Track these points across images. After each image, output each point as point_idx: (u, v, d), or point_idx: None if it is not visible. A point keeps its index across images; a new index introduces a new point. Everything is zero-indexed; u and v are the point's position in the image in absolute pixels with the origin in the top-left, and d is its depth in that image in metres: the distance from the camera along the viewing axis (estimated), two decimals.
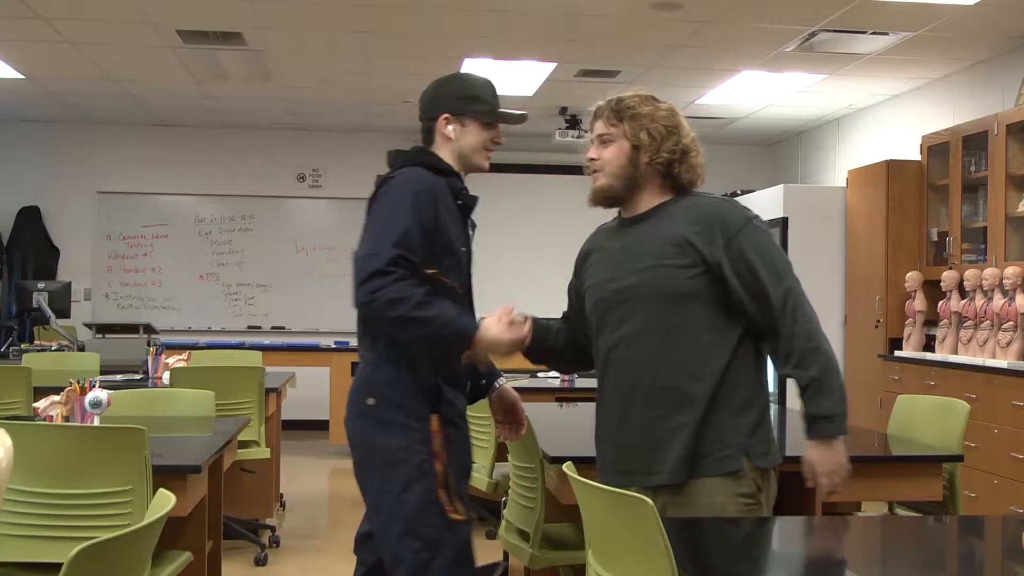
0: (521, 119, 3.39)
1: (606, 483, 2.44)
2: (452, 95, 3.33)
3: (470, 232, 3.42)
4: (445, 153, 3.31)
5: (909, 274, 7.86)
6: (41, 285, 8.56)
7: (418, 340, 3.06)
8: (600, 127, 2.97)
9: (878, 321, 8.26)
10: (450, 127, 3.30)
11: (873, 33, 7.08)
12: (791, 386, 8.92)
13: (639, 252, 2.88)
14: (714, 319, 2.83)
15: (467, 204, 3.33)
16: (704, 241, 2.80)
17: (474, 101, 3.30)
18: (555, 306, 3.73)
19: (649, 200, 2.94)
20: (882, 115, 9.29)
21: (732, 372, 2.85)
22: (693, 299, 2.81)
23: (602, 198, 2.99)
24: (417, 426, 3.08)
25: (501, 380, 3.50)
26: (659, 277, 2.82)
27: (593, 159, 2.97)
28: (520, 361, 3.44)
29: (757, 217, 2.91)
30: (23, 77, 8.79)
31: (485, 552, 5.90)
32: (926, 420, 4.38)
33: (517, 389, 3.63)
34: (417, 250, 3.06)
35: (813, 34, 7.12)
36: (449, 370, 3.18)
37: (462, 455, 3.23)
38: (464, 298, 3.34)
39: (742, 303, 2.82)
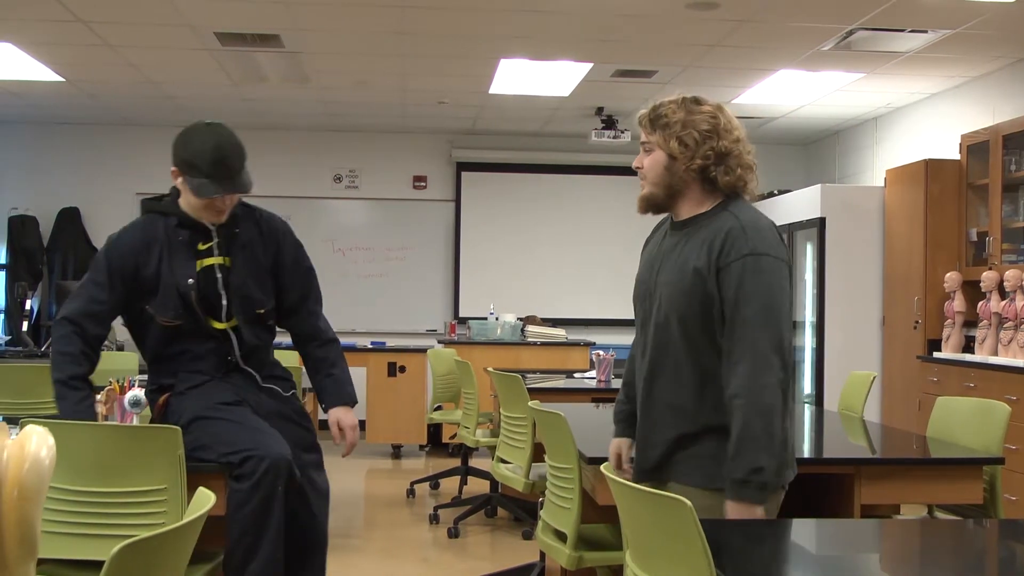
0: (235, 191, 3.60)
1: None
2: (178, 152, 3.56)
3: (224, 263, 3.66)
4: (183, 199, 3.63)
5: (948, 274, 7.79)
6: None
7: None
8: (642, 135, 2.97)
9: (917, 322, 8.20)
10: (179, 179, 3.58)
11: (911, 31, 7.03)
12: (828, 387, 8.86)
13: (667, 265, 2.92)
14: (702, 341, 2.85)
15: (186, 239, 3.61)
16: (706, 265, 2.81)
17: (190, 168, 3.52)
18: (588, 306, 3.79)
19: (691, 207, 2.94)
20: (921, 114, 9.21)
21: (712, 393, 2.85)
22: (699, 321, 2.83)
23: (646, 206, 2.99)
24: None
25: (336, 409, 3.85)
26: (676, 297, 2.86)
27: (638, 168, 2.97)
28: (555, 361, 3.52)
29: (763, 253, 2.81)
30: (64, 80, 8.89)
31: (522, 552, 5.91)
32: (966, 422, 4.34)
33: (554, 389, 3.67)
34: (95, 310, 3.56)
35: (851, 32, 7.08)
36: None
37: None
38: (190, 326, 3.62)
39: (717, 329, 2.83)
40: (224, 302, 3.63)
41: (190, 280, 3.58)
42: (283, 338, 4.04)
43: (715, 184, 2.89)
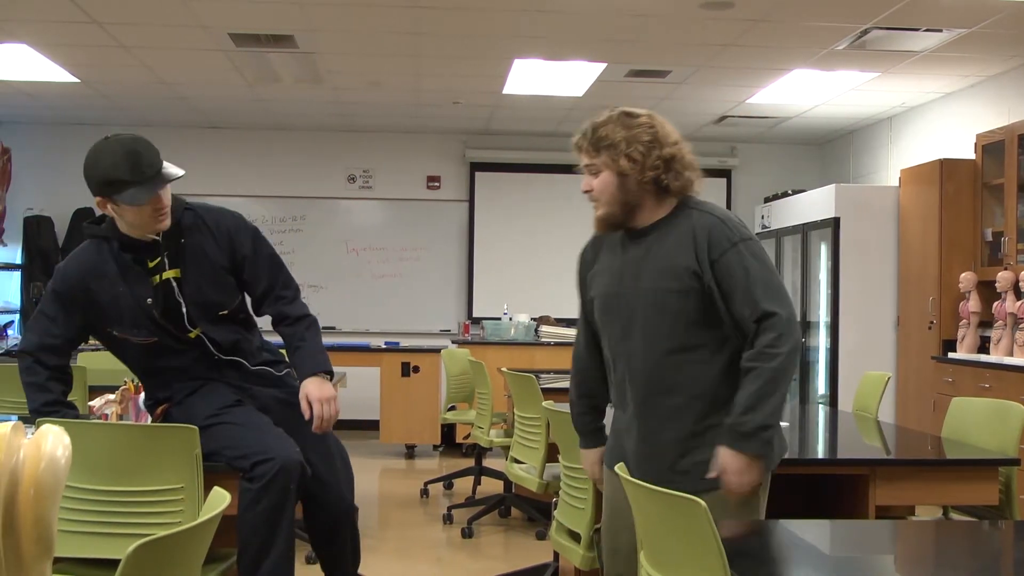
0: (169, 178, 3.43)
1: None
2: (94, 181, 3.42)
3: (175, 274, 3.55)
4: (119, 222, 3.48)
5: (963, 275, 7.76)
6: None
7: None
8: (583, 158, 3.08)
9: (931, 322, 8.17)
10: (109, 206, 3.42)
11: (926, 30, 7.00)
12: (843, 388, 8.84)
13: (640, 270, 3.00)
14: (703, 336, 2.93)
15: (134, 259, 3.51)
16: (696, 262, 2.90)
17: (114, 186, 3.36)
18: None
19: (650, 215, 3.02)
20: (935, 113, 9.18)
21: (722, 388, 2.92)
22: (685, 317, 2.92)
23: (605, 226, 3.09)
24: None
25: (306, 380, 3.63)
26: (658, 298, 2.94)
27: (588, 191, 3.07)
28: (569, 361, 3.56)
29: (746, 238, 2.93)
30: (78, 81, 8.92)
31: (535, 552, 5.91)
32: (981, 423, 4.33)
33: (566, 389, 3.68)
34: (50, 342, 3.56)
35: (865, 32, 7.06)
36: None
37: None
38: (169, 341, 3.58)
39: (724, 319, 2.92)
40: (184, 311, 3.56)
41: (148, 300, 3.50)
42: (333, 338, 4.02)
43: (668, 190, 2.98)
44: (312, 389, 3.56)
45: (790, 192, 10.29)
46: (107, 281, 3.51)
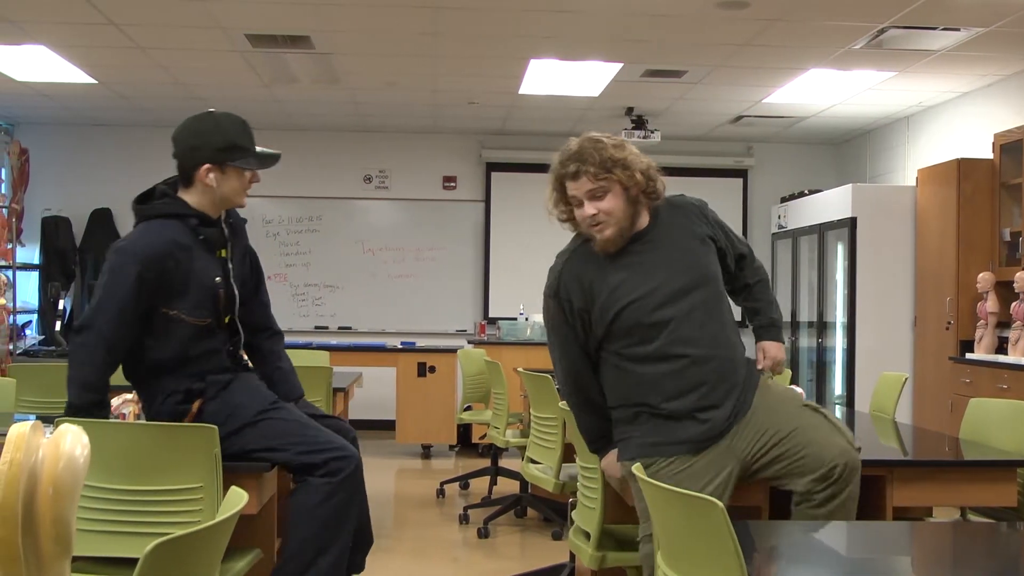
0: (276, 159, 3.67)
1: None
2: (211, 146, 3.51)
3: (228, 256, 3.61)
4: (198, 197, 3.51)
5: (981, 275, 7.73)
6: None
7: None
8: (586, 184, 3.28)
9: (949, 323, 8.14)
10: (211, 175, 3.48)
11: (944, 29, 6.98)
12: (859, 388, 8.81)
13: (669, 257, 3.33)
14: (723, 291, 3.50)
15: (208, 237, 3.52)
16: (707, 227, 3.43)
17: (234, 151, 3.52)
18: None
19: (643, 218, 3.36)
20: (953, 113, 9.15)
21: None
22: (718, 279, 3.42)
23: (620, 242, 3.31)
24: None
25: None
26: (702, 267, 3.35)
27: (594, 215, 3.27)
28: None
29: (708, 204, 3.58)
30: (96, 82, 8.96)
31: (551, 553, 5.91)
32: (999, 424, 4.31)
33: None
34: (124, 329, 3.37)
35: (882, 31, 7.04)
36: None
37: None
38: (215, 324, 3.55)
39: (727, 264, 3.52)
40: (236, 293, 3.60)
41: (217, 278, 3.51)
42: (349, 338, 4.06)
43: (655, 196, 3.35)
44: None
45: (806, 192, 10.26)
46: (185, 255, 3.43)
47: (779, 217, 10.75)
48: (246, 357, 3.84)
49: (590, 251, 3.37)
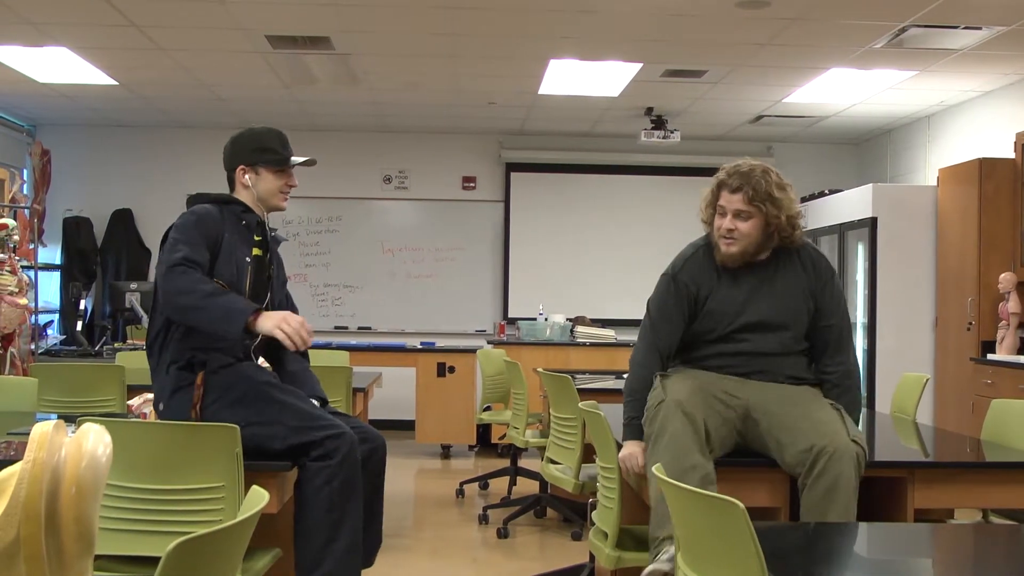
0: (310, 163, 4.00)
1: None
2: (246, 148, 3.86)
3: (267, 246, 3.89)
4: (242, 198, 3.86)
5: (1002, 275, 7.69)
6: (133, 286, 8.76)
7: (200, 323, 3.51)
8: (738, 203, 3.61)
9: (970, 323, 8.10)
10: (246, 176, 3.85)
11: (965, 28, 6.94)
12: (880, 389, 8.77)
13: (772, 290, 3.70)
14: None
15: (249, 223, 3.81)
16: (815, 285, 3.71)
17: (265, 152, 3.85)
18: (638, 307, 4.03)
19: (767, 252, 3.71)
20: (974, 112, 9.10)
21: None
22: (803, 325, 3.73)
23: (736, 262, 3.69)
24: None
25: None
26: (787, 314, 3.69)
27: (731, 230, 3.63)
28: (604, 362, 3.79)
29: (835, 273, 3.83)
30: (117, 84, 9.00)
31: (571, 553, 5.91)
32: (1022, 425, 4.28)
33: (604, 390, 3.80)
34: (201, 259, 3.54)
35: (903, 30, 7.01)
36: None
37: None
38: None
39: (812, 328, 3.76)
40: (268, 294, 3.84)
41: (247, 259, 3.74)
42: (369, 338, 4.10)
43: (791, 241, 3.70)
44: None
45: (827, 192, 10.22)
46: (228, 232, 3.70)
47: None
48: (266, 364, 3.92)
49: (712, 256, 3.75)
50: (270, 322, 3.42)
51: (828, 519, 3.26)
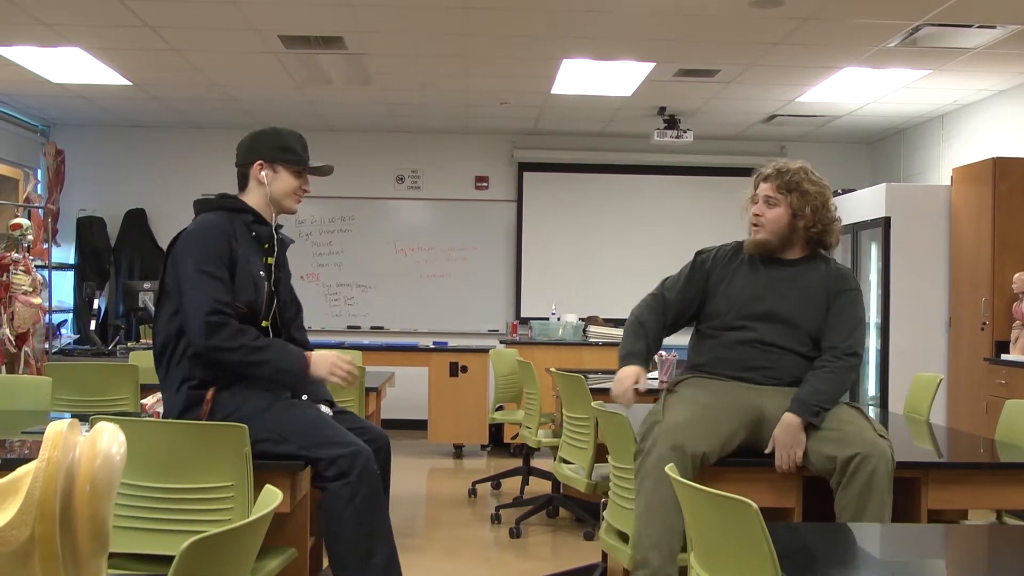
0: (327, 171, 3.97)
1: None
2: (267, 145, 3.84)
3: (273, 252, 3.85)
4: (253, 197, 3.83)
5: (1017, 275, 7.66)
6: (147, 285, 8.79)
7: (260, 376, 3.61)
8: (767, 190, 3.77)
9: (984, 323, 8.07)
10: (263, 172, 3.82)
11: (979, 26, 6.92)
12: (893, 389, 8.75)
13: (791, 286, 3.77)
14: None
15: (260, 235, 3.77)
16: (832, 289, 3.75)
17: (286, 151, 3.84)
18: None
19: (795, 252, 3.82)
20: (989, 111, 9.07)
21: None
22: (815, 328, 3.75)
23: (759, 249, 3.81)
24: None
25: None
26: (801, 312, 3.73)
27: (758, 215, 3.78)
28: (611, 362, 3.79)
29: (858, 288, 3.84)
30: (131, 84, 9.03)
31: (583, 553, 5.91)
32: None
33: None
34: (225, 292, 3.55)
35: (917, 29, 6.99)
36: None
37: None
38: (251, 318, 3.68)
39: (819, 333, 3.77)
40: (275, 301, 3.81)
41: (261, 272, 3.70)
42: (382, 338, 4.11)
43: (818, 244, 3.82)
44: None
45: (840, 191, 10.18)
46: (239, 245, 3.66)
47: None
48: None
49: (739, 252, 3.90)
50: (322, 370, 3.64)
51: (864, 518, 3.27)
